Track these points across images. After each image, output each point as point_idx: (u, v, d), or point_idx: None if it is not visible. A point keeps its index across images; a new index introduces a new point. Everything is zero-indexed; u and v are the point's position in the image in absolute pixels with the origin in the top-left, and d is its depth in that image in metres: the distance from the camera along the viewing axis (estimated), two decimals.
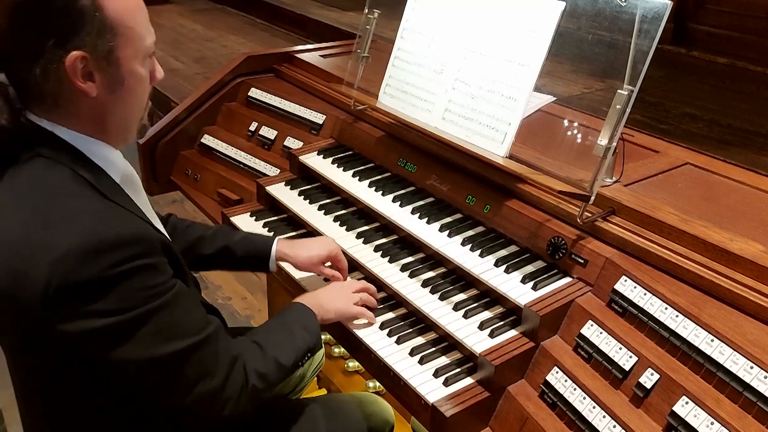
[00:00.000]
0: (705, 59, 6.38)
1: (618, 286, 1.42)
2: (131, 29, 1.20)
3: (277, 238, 1.76)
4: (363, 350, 1.58)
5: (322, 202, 2.02)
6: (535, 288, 1.52)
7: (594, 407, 1.31)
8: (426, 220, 1.78)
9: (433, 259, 1.75)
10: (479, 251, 1.65)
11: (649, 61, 1.43)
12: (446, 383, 1.44)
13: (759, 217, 1.53)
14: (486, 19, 1.77)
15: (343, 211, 1.98)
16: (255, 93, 2.55)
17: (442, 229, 1.74)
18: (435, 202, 1.87)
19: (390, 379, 1.50)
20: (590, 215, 1.56)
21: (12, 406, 1.37)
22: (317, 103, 2.41)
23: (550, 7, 1.63)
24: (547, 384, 1.39)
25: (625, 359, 1.33)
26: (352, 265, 1.81)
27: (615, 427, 1.27)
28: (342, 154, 2.15)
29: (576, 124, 1.94)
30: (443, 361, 1.50)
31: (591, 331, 1.40)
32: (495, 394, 1.42)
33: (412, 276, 1.68)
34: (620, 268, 1.44)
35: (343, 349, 2.59)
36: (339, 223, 1.91)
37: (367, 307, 1.63)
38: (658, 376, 1.27)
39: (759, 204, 1.60)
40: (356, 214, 1.97)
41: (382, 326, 1.60)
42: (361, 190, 1.97)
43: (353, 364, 2.58)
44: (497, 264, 1.60)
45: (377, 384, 2.42)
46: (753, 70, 6.00)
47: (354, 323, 1.61)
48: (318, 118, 2.35)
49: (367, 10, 2.18)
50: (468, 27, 1.82)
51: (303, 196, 2.05)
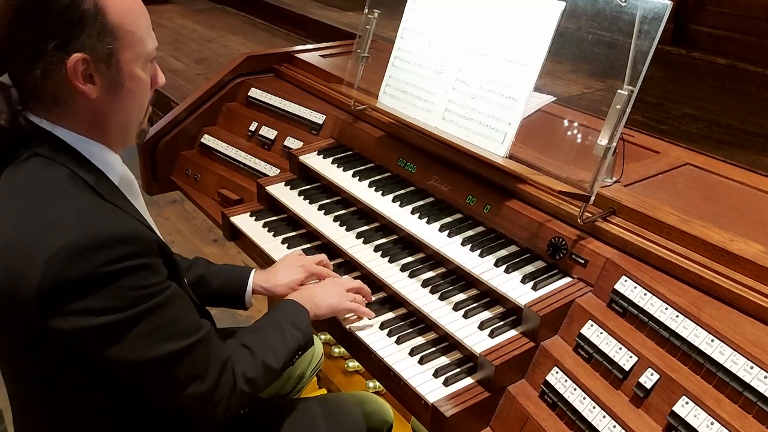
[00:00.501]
0: (705, 60, 6.38)
1: (618, 287, 1.42)
2: (132, 33, 1.21)
3: (253, 270, 1.71)
4: (363, 350, 1.58)
5: (322, 202, 2.02)
6: (535, 288, 1.52)
7: (594, 407, 1.31)
8: (426, 220, 1.78)
9: (433, 259, 1.75)
10: (479, 251, 1.65)
11: (649, 62, 1.43)
12: (446, 383, 1.44)
13: (759, 217, 1.53)
14: (486, 19, 1.78)
15: (343, 211, 1.98)
16: (255, 93, 2.55)
17: (442, 229, 1.74)
18: (435, 202, 1.87)
19: (390, 379, 1.50)
20: (590, 215, 1.56)
21: None
22: (317, 103, 2.41)
23: (550, 7, 1.63)
24: (548, 384, 1.39)
25: (626, 359, 1.33)
26: (352, 265, 1.82)
27: (615, 427, 1.27)
28: (342, 154, 2.15)
29: (576, 124, 1.94)
30: (443, 361, 1.50)
31: (591, 331, 1.40)
32: (495, 394, 1.42)
33: (412, 276, 1.68)
34: (620, 269, 1.44)
35: (343, 349, 2.59)
36: (339, 223, 1.91)
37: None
38: (658, 376, 1.27)
39: (759, 204, 1.60)
40: (356, 214, 1.97)
41: (382, 326, 1.60)
42: (361, 190, 1.97)
43: (353, 364, 2.58)
44: (497, 264, 1.60)
45: (377, 384, 2.42)
46: (753, 71, 6.00)
47: (354, 324, 1.61)
48: (318, 118, 2.35)
49: (367, 10, 2.18)
50: (468, 27, 1.82)
51: (303, 196, 2.05)
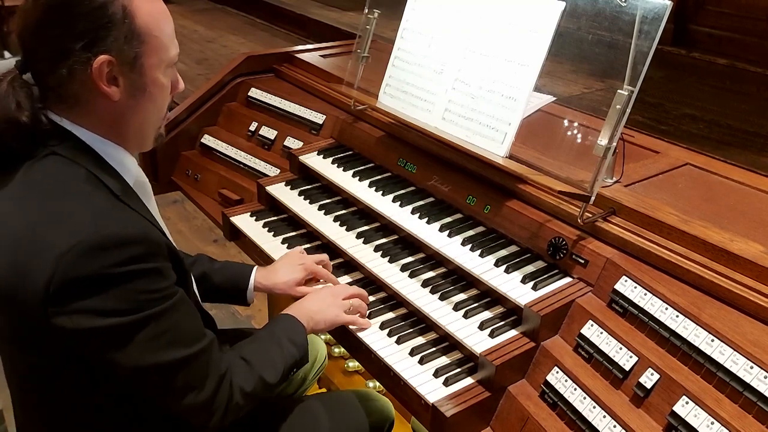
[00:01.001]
0: (705, 60, 6.39)
1: (618, 287, 1.42)
2: (157, 38, 1.23)
3: (255, 267, 1.73)
4: (363, 350, 1.58)
5: (322, 202, 2.02)
6: (535, 288, 1.52)
7: (594, 407, 1.31)
8: (426, 220, 1.78)
9: (434, 259, 1.75)
10: (479, 251, 1.65)
11: (649, 62, 1.43)
12: (446, 383, 1.44)
13: (759, 217, 1.53)
14: (486, 19, 1.78)
15: (343, 211, 1.98)
16: (255, 93, 2.55)
17: (442, 229, 1.74)
18: (435, 202, 1.87)
19: (390, 379, 1.50)
20: (590, 215, 1.56)
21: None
22: (317, 103, 2.41)
23: (550, 7, 1.63)
24: (548, 384, 1.39)
25: (626, 359, 1.33)
26: (352, 265, 1.82)
27: (615, 427, 1.27)
28: (342, 154, 2.15)
29: (576, 124, 1.94)
30: (443, 361, 1.50)
31: (591, 331, 1.40)
32: (495, 394, 1.42)
33: (412, 276, 1.68)
34: (620, 269, 1.44)
35: (343, 349, 2.59)
36: (339, 223, 1.91)
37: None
38: (659, 376, 1.27)
39: (759, 204, 1.60)
40: (356, 214, 1.97)
41: (382, 326, 1.60)
42: (361, 190, 1.97)
43: (353, 364, 2.58)
44: (497, 264, 1.60)
45: (377, 384, 2.42)
46: (753, 72, 6.01)
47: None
48: (318, 118, 2.35)
49: (367, 10, 2.18)
50: (468, 27, 1.82)
51: (303, 196, 2.05)
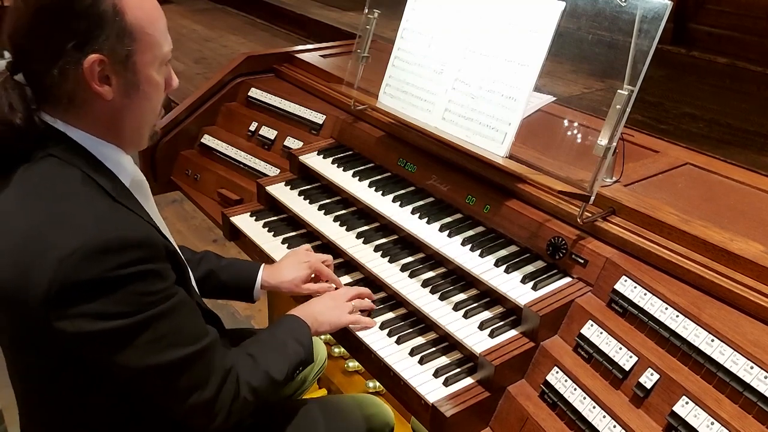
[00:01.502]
0: (705, 59, 6.39)
1: (618, 286, 1.42)
2: (150, 36, 1.22)
3: (262, 265, 1.74)
4: (363, 350, 1.58)
5: (322, 202, 2.02)
6: (535, 288, 1.52)
7: (594, 407, 1.31)
8: (426, 220, 1.78)
9: (433, 259, 1.75)
10: (479, 251, 1.65)
11: (649, 61, 1.43)
12: (446, 383, 1.44)
13: (759, 217, 1.53)
14: (486, 19, 1.77)
15: (343, 211, 1.98)
16: (255, 93, 2.55)
17: (442, 229, 1.74)
18: (435, 202, 1.87)
19: (390, 379, 1.50)
20: (590, 215, 1.56)
21: (12, 406, 1.37)
22: (317, 103, 2.41)
23: (550, 7, 1.63)
24: (548, 384, 1.39)
25: (625, 359, 1.33)
26: (352, 265, 1.82)
27: (615, 427, 1.27)
28: (342, 154, 2.15)
29: (576, 124, 1.94)
30: (443, 361, 1.50)
31: (591, 331, 1.40)
32: (495, 394, 1.42)
33: (412, 276, 1.68)
34: (620, 268, 1.44)
35: (343, 349, 2.58)
36: (339, 223, 1.91)
37: (363, 311, 1.63)
38: (658, 376, 1.27)
39: (759, 204, 1.60)
40: (356, 214, 1.97)
41: (382, 326, 1.60)
42: (361, 190, 1.96)
43: (353, 364, 2.58)
44: (497, 264, 1.60)
45: (377, 384, 2.42)
46: (753, 70, 6.01)
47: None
48: (318, 118, 2.34)
49: (367, 10, 2.18)
50: (468, 27, 1.82)
51: (303, 196, 2.05)
